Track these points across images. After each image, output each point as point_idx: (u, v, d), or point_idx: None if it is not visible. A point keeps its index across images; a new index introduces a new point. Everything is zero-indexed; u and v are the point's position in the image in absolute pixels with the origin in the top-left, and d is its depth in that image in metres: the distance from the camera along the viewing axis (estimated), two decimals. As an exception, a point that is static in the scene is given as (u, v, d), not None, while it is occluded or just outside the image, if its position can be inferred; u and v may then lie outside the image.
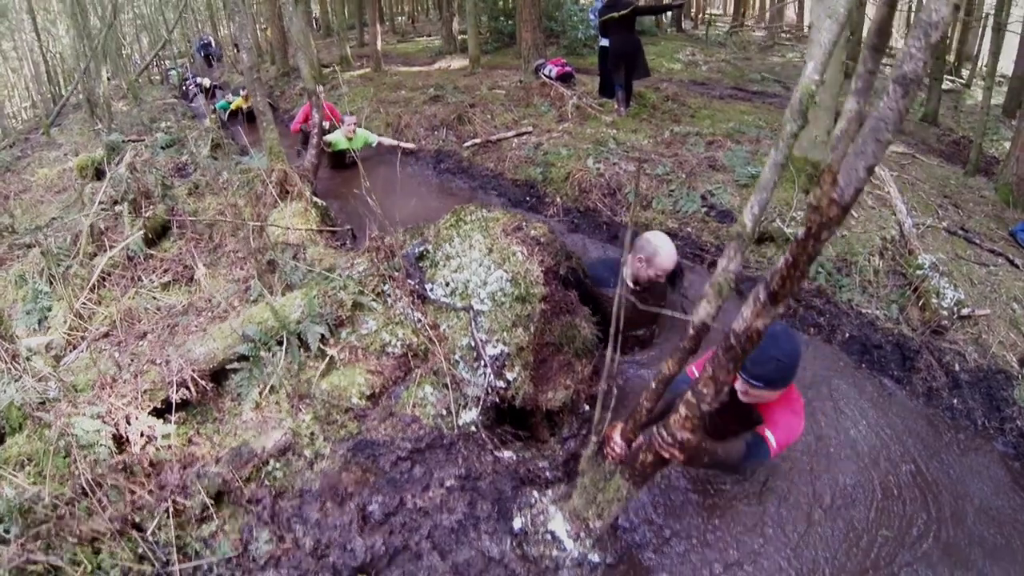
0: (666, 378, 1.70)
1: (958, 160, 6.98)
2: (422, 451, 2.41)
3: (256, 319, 2.90)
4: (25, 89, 24.82)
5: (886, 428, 3.19)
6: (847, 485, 2.83)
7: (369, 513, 2.15)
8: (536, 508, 2.26)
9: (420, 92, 10.09)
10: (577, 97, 8.68)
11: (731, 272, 1.49)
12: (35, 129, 12.20)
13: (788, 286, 1.25)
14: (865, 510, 2.71)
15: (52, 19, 20.68)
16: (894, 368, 3.62)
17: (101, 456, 2.06)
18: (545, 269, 2.97)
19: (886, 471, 2.92)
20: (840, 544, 2.53)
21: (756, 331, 1.36)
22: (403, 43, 18.51)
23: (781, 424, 2.18)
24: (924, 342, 3.66)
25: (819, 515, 2.66)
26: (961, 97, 11.21)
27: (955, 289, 3.79)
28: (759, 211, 1.47)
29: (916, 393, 3.46)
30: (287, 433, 2.42)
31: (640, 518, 2.63)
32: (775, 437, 2.17)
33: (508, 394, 2.75)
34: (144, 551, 1.82)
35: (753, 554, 2.44)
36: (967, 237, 4.60)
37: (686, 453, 1.75)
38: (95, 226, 4.69)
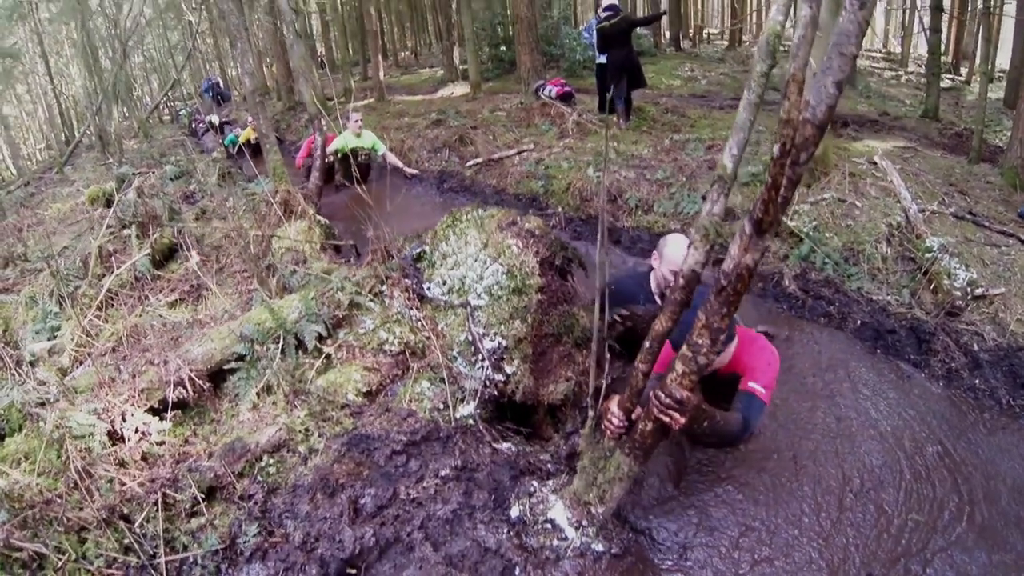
0: (660, 335, 1.64)
1: (961, 151, 6.91)
2: (417, 444, 2.34)
3: (254, 320, 2.90)
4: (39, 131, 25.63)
5: (908, 409, 3.07)
6: (874, 466, 2.70)
7: (361, 506, 2.06)
8: (536, 497, 2.16)
9: (423, 118, 10.26)
10: (577, 114, 8.78)
11: (716, 214, 1.47)
12: (49, 169, 12.56)
13: (772, 212, 1.21)
14: (895, 492, 2.58)
15: (65, 62, 21.46)
16: (910, 352, 3.52)
17: (94, 448, 2.03)
18: (541, 260, 2.95)
19: (912, 452, 2.79)
20: (871, 530, 2.39)
21: (746, 267, 1.32)
22: (406, 75, 18.93)
23: (759, 365, 2.18)
24: (939, 324, 3.56)
25: (850, 500, 2.53)
26: (961, 93, 11.19)
27: (967, 269, 3.70)
28: (738, 151, 1.45)
29: (935, 375, 3.35)
30: (281, 429, 2.38)
31: (651, 507, 2.53)
32: (761, 382, 2.16)
33: (508, 388, 2.70)
34: (130, 542, 1.77)
35: (785, 547, 2.31)
36: (975, 220, 4.51)
37: (686, 414, 1.67)
38: (104, 248, 4.76)
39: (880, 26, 23.06)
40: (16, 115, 24.62)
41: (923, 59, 12.77)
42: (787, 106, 1.11)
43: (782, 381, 3.24)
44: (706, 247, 1.48)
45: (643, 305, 2.91)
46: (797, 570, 2.21)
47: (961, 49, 14.70)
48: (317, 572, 1.80)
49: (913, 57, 16.77)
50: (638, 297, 2.98)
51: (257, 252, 3.48)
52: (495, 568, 1.88)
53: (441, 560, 1.88)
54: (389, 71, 19.29)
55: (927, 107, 8.80)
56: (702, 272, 1.52)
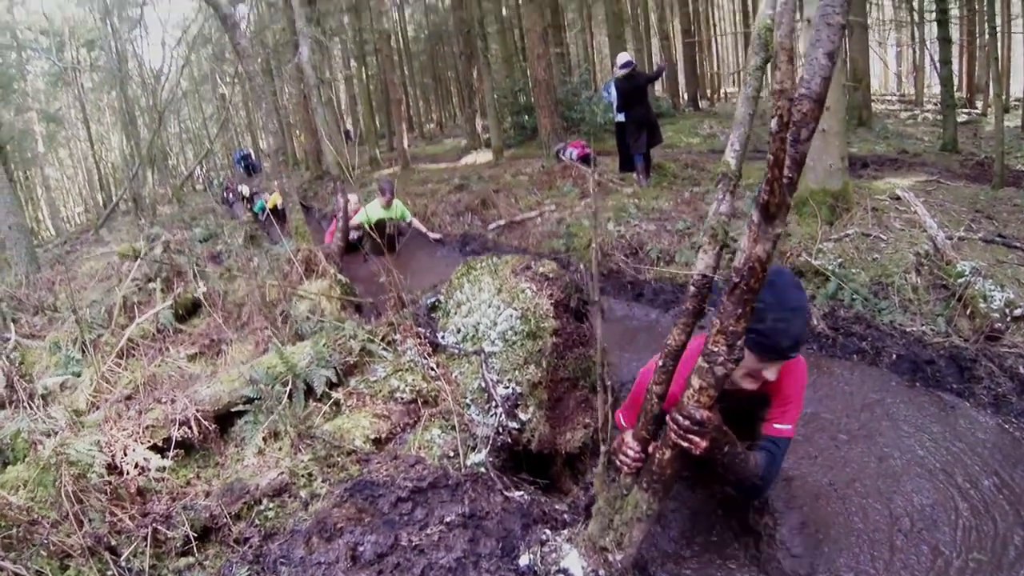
0: (673, 351, 1.53)
1: (984, 180, 6.77)
2: (424, 491, 2.19)
3: (264, 364, 2.88)
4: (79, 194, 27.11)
5: (955, 442, 2.84)
6: (924, 505, 2.47)
7: (360, 553, 1.90)
8: (548, 546, 1.96)
9: (445, 184, 10.50)
10: (598, 174, 8.91)
11: (723, 214, 1.41)
12: (86, 231, 13.17)
13: (778, 193, 1.15)
14: (950, 531, 2.34)
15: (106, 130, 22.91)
16: (952, 381, 3.30)
17: (90, 477, 1.98)
18: (555, 302, 2.89)
19: (965, 487, 2.56)
20: (928, 573, 2.17)
21: (758, 259, 1.24)
22: (431, 145, 19.72)
23: (790, 394, 1.93)
24: (980, 350, 3.36)
25: (901, 540, 2.31)
26: (979, 125, 11.12)
27: (1002, 290, 3.53)
28: (740, 147, 1.42)
29: (982, 403, 3.12)
30: (284, 472, 2.29)
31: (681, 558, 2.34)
32: (788, 419, 1.92)
33: (523, 437, 2.59)
34: (114, 574, 1.68)
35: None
36: (1006, 243, 4.33)
37: (707, 436, 1.50)
38: (128, 300, 4.86)
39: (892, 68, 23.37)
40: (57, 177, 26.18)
41: (938, 98, 12.82)
42: (779, 76, 1.08)
43: (816, 426, 3.06)
44: (716, 249, 1.41)
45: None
46: None
47: (974, 83, 14.74)
48: None
49: (928, 97, 16.84)
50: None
51: (272, 300, 3.49)
52: None
53: None
54: (414, 142, 20.13)
55: (945, 141, 8.73)
56: (714, 276, 1.45)
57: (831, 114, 4.92)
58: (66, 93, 18.42)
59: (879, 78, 26.28)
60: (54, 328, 5.12)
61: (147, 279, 5.33)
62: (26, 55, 17.80)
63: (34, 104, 18.51)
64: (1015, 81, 17.01)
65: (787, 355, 1.66)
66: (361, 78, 19.60)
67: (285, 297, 3.78)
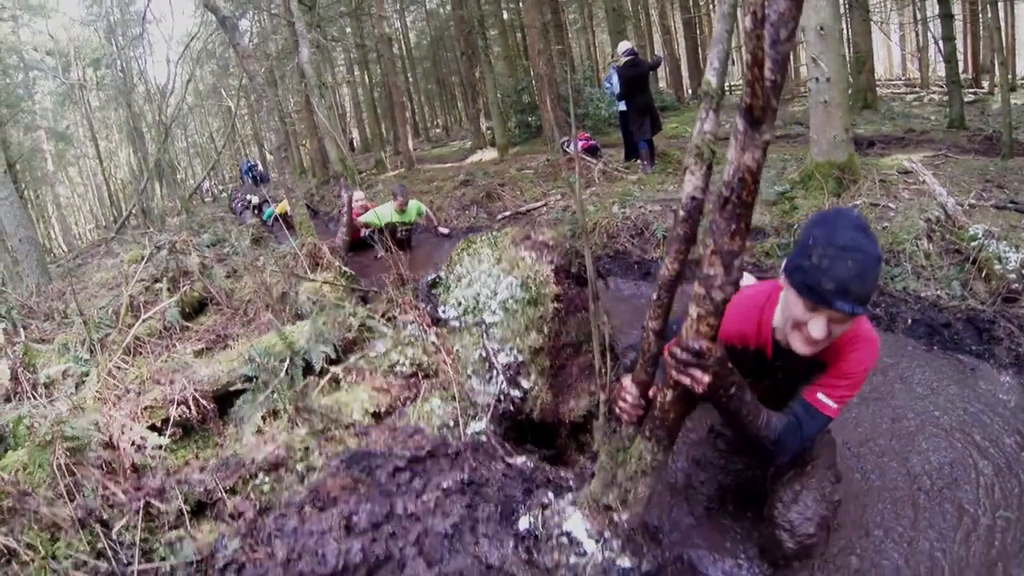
0: (668, 281, 1.46)
1: (994, 153, 6.64)
2: (422, 460, 2.12)
3: (264, 344, 2.85)
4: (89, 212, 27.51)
5: (974, 402, 2.75)
6: (942, 464, 2.40)
7: (354, 523, 1.84)
8: (550, 509, 1.86)
9: (451, 181, 10.50)
10: (603, 163, 8.87)
11: (707, 133, 1.36)
12: (97, 245, 13.32)
13: (760, 94, 1.10)
14: (973, 490, 2.26)
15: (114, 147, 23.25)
16: (970, 343, 3.21)
17: (84, 453, 1.95)
18: (556, 268, 2.84)
19: (985, 446, 2.47)
20: (954, 533, 2.08)
21: (747, 169, 1.18)
22: (437, 148, 19.74)
23: (844, 367, 1.62)
24: (998, 311, 3.26)
25: (923, 499, 2.24)
26: (986, 104, 10.91)
27: (1018, 251, 3.42)
28: (720, 65, 1.37)
29: (1002, 364, 3.02)
30: (280, 447, 2.24)
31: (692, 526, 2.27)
32: (834, 393, 1.63)
33: (525, 407, 2.52)
34: (104, 547, 1.65)
35: (864, 556, 2.02)
36: (1018, 208, 4.22)
37: (709, 370, 1.37)
38: (135, 300, 4.87)
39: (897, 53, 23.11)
40: (68, 195, 26.58)
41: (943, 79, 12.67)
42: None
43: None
44: (703, 169, 1.35)
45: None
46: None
47: (979, 63, 14.53)
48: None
49: (933, 80, 16.61)
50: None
51: (275, 286, 3.48)
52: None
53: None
54: (420, 146, 20.17)
55: (952, 118, 8.58)
56: (703, 199, 1.39)
57: (832, 85, 4.83)
58: (74, 112, 18.70)
59: (884, 64, 26.00)
60: (63, 332, 5.15)
61: (154, 279, 5.34)
62: (33, 76, 18.13)
63: (42, 123, 18.82)
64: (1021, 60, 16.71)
65: (831, 302, 1.39)
66: (364, 84, 19.70)
67: (288, 282, 3.76)
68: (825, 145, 4.98)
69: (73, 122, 20.23)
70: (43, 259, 8.93)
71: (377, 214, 6.84)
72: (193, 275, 5.65)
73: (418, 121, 26.06)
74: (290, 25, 8.95)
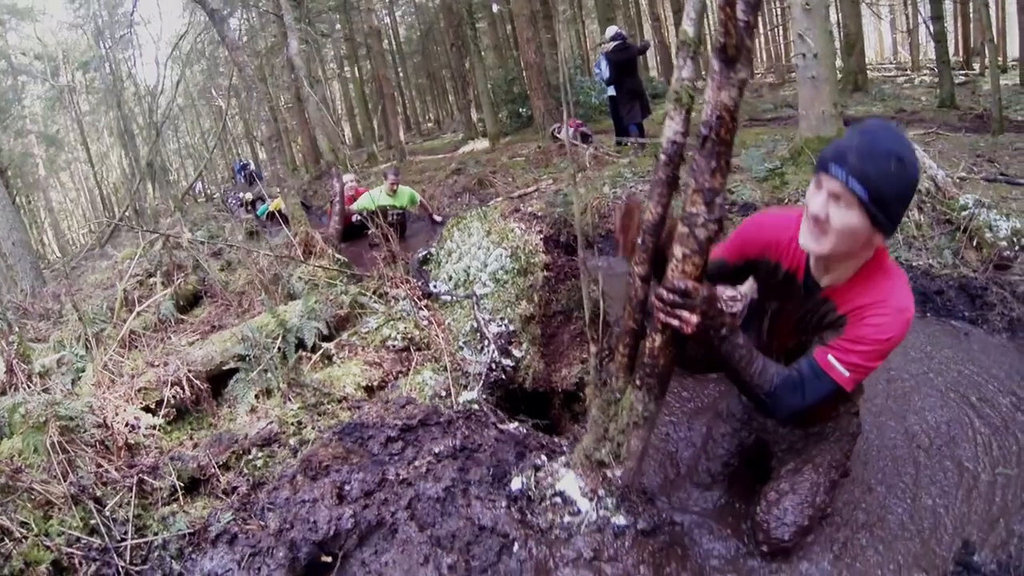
0: (652, 226, 1.46)
1: (985, 130, 6.66)
2: (414, 429, 2.12)
3: (256, 324, 2.85)
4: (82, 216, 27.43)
5: (968, 364, 2.75)
6: (939, 423, 2.39)
7: (346, 492, 1.84)
8: (543, 471, 1.85)
9: (442, 170, 10.49)
10: (594, 148, 8.86)
11: (685, 79, 1.36)
12: (91, 249, 13.29)
13: (734, 33, 1.11)
14: (971, 448, 2.26)
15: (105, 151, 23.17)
16: (963, 310, 3.21)
17: (78, 432, 1.95)
18: (544, 238, 2.86)
19: (981, 406, 2.46)
20: (955, 489, 2.08)
21: (725, 107, 1.19)
22: (428, 141, 19.69)
23: (872, 336, 1.40)
24: (990, 278, 3.26)
25: (923, 457, 2.23)
26: (976, 84, 10.95)
27: (1008, 219, 3.43)
28: (695, 15, 1.37)
29: (996, 328, 3.03)
30: (273, 422, 2.25)
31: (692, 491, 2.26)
32: (847, 357, 1.42)
33: (518, 376, 2.53)
34: (97, 523, 1.64)
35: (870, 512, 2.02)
36: (1009, 181, 4.24)
37: (696, 310, 1.34)
38: (129, 294, 4.86)
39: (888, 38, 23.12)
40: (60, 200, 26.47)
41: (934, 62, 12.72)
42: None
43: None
44: (682, 113, 1.36)
45: None
46: (892, 539, 1.92)
47: (970, 45, 14.56)
48: (284, 555, 1.58)
49: (923, 62, 16.63)
50: None
51: (264, 267, 3.47)
52: (491, 548, 1.60)
53: (426, 540, 1.62)
54: (412, 140, 20.12)
55: (943, 97, 8.60)
56: (684, 143, 1.39)
57: (820, 60, 4.83)
58: (64, 116, 18.60)
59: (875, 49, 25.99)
60: (59, 330, 5.14)
61: (148, 274, 5.34)
62: (22, 80, 18.03)
63: (32, 127, 18.74)
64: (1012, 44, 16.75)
65: (827, 165, 1.28)
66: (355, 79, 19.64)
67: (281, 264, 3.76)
68: (814, 120, 4.98)
69: (63, 126, 20.13)
70: (36, 263, 8.91)
71: (369, 196, 6.85)
72: (187, 268, 5.65)
73: (409, 115, 25.99)
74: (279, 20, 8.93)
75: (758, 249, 1.62)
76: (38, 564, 1.52)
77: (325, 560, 1.64)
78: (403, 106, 23.47)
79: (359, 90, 19.17)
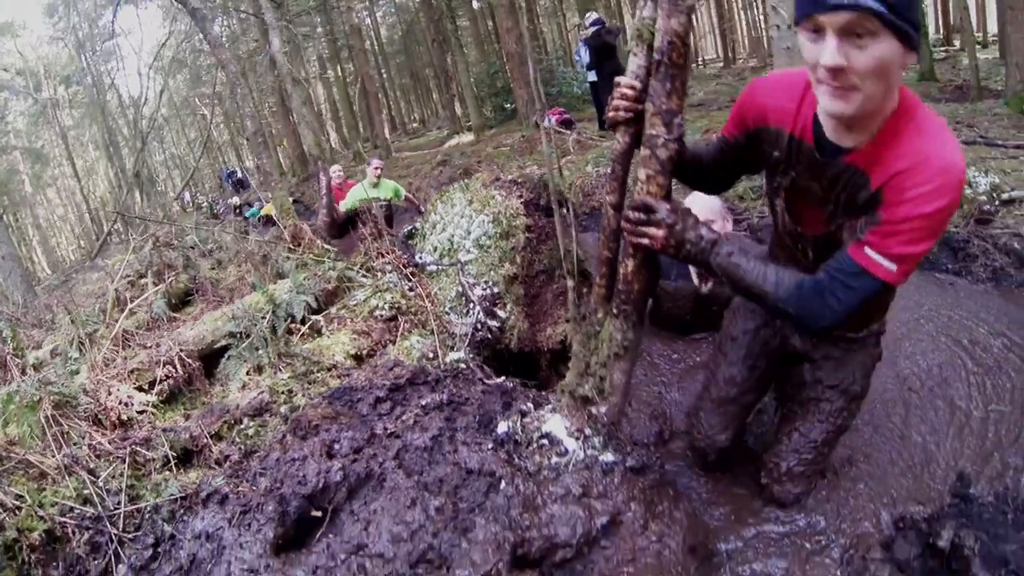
0: (621, 154, 1.49)
1: (965, 100, 6.75)
2: (402, 388, 2.13)
3: (247, 302, 2.87)
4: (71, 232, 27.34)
5: (956, 310, 2.79)
6: (931, 366, 2.42)
7: (336, 450, 1.83)
8: (529, 417, 1.84)
9: (428, 164, 10.54)
10: (578, 133, 8.91)
11: (646, 18, 1.40)
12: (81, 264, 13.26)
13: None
14: (964, 388, 2.28)
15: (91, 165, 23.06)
16: (946, 262, 3.27)
17: (72, 406, 1.95)
18: (525, 202, 2.88)
19: (972, 348, 2.48)
20: (947, 427, 2.11)
21: (675, 33, 1.24)
22: (414, 139, 19.70)
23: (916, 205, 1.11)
24: (971, 232, 3.33)
25: (915, 398, 2.26)
26: (957, 59, 11.06)
27: (987, 175, 3.49)
28: None
29: (980, 278, 3.09)
30: (263, 391, 2.26)
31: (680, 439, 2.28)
32: (888, 243, 1.16)
33: (504, 337, 2.56)
34: (91, 494, 1.65)
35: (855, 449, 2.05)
36: (988, 142, 4.32)
37: (660, 225, 1.33)
38: (121, 294, 4.86)
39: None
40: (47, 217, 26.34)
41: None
42: None
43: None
44: (644, 50, 1.39)
45: (673, 281, 2.73)
46: (883, 475, 1.95)
47: (950, 23, 14.72)
48: (274, 509, 1.59)
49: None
50: (669, 272, 2.77)
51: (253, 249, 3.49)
52: (478, 489, 1.59)
53: (413, 485, 1.62)
54: (397, 139, 20.12)
55: (922, 70, 8.68)
56: (647, 80, 1.40)
57: (793, 31, 4.87)
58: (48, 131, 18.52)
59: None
60: (52, 336, 5.13)
61: (139, 275, 5.32)
62: (4, 96, 17.94)
63: (17, 143, 18.64)
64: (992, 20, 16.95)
65: (819, 2, 1.03)
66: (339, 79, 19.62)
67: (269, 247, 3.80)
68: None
69: (48, 141, 20.04)
70: (26, 275, 8.89)
71: (354, 194, 6.89)
72: (177, 268, 5.64)
73: (394, 115, 25.96)
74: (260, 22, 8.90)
75: (756, 113, 1.41)
76: (31, 532, 1.53)
77: (315, 515, 1.64)
78: (387, 107, 23.44)
79: (343, 92, 19.14)
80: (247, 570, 1.45)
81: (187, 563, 1.52)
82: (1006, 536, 1.44)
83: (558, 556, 1.40)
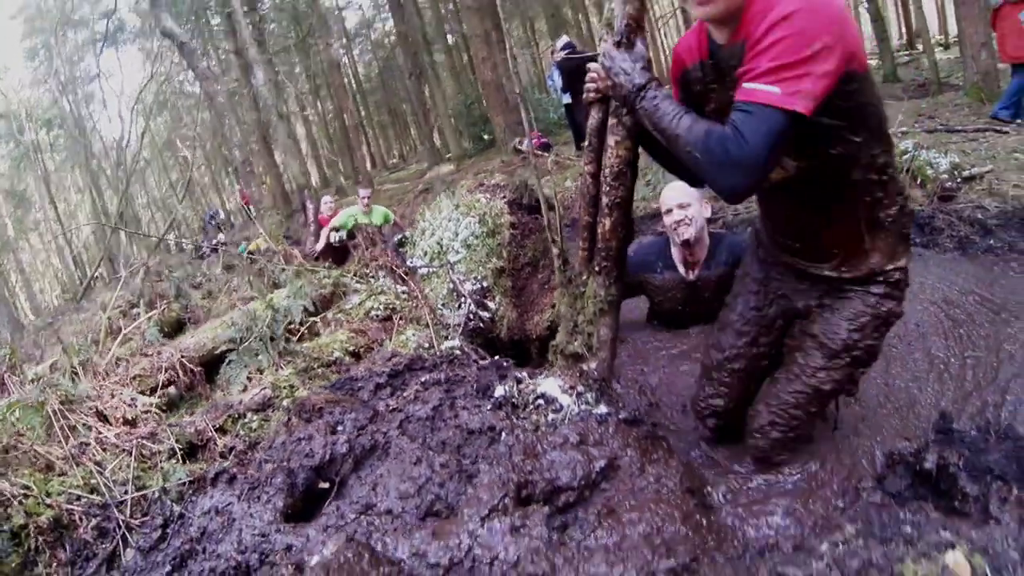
0: (595, 128, 1.64)
1: (927, 96, 7.07)
2: (401, 373, 2.22)
3: (246, 309, 2.93)
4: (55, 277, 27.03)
5: (927, 275, 2.95)
6: (909, 323, 2.53)
7: (340, 430, 1.88)
8: (524, 383, 1.91)
9: (410, 192, 10.70)
10: (555, 155, 9.15)
11: (613, 8, 1.54)
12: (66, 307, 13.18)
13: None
14: (941, 340, 2.40)
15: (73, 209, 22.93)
16: (913, 237, 3.41)
17: (77, 400, 1.99)
18: (508, 202, 3.02)
19: (945, 306, 2.63)
20: (927, 374, 2.21)
21: (632, 17, 1.46)
22: (395, 173, 19.96)
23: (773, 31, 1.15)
24: (936, 208, 3.51)
25: (894, 351, 2.36)
26: (919, 61, 11.53)
27: (946, 156, 3.70)
28: None
29: (946, 248, 3.28)
30: (266, 387, 2.32)
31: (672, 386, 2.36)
32: (765, 74, 1.16)
33: (495, 328, 2.67)
34: (97, 483, 1.68)
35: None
36: (948, 129, 4.57)
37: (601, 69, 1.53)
38: (113, 322, 4.87)
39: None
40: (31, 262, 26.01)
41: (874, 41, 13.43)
42: None
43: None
44: (609, 34, 1.53)
45: (660, 274, 2.76)
46: (872, 415, 2.02)
47: (912, 27, 15.34)
48: (283, 480, 1.65)
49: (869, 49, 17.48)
50: (655, 266, 2.78)
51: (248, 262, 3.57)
52: (480, 445, 1.67)
53: (419, 447, 1.69)
54: (378, 174, 20.37)
55: (885, 72, 9.05)
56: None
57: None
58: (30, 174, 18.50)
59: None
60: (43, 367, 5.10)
61: (131, 305, 5.34)
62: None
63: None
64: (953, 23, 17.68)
65: None
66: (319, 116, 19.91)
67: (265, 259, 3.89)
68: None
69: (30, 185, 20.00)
70: (13, 315, 8.85)
71: (344, 213, 6.96)
72: (168, 297, 5.66)
73: (373, 152, 26.30)
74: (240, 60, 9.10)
75: (678, 65, 1.56)
76: (38, 516, 1.55)
77: (323, 487, 1.70)
78: (367, 144, 23.78)
79: (323, 129, 19.44)
80: (258, 534, 1.50)
81: (197, 535, 1.55)
82: (987, 449, 1.51)
83: (561, 500, 1.46)
